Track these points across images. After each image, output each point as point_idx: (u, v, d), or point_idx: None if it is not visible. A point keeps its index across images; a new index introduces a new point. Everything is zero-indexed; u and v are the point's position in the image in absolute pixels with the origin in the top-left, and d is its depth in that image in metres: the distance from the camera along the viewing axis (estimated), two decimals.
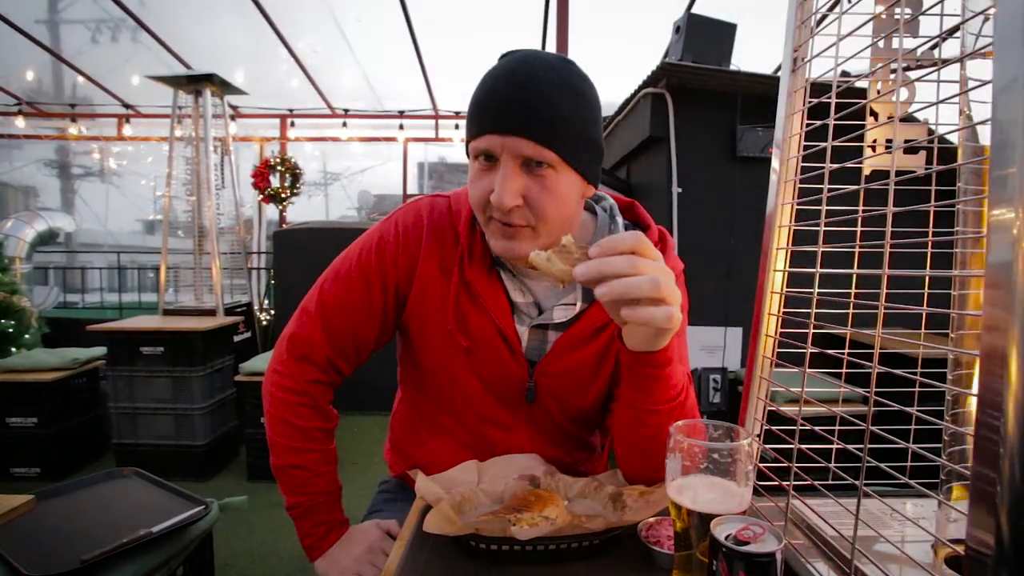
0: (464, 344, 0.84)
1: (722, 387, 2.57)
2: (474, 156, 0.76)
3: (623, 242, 0.59)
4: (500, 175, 0.72)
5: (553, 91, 0.72)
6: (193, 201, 3.64)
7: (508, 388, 0.87)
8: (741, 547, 0.46)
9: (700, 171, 2.70)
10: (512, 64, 0.74)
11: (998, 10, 0.43)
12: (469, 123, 0.76)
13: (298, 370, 0.90)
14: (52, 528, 1.28)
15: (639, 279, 0.58)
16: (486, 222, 0.78)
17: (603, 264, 0.59)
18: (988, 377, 0.42)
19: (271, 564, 2.13)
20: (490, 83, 0.74)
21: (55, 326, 4.27)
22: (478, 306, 0.84)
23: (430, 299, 0.85)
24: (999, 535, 0.40)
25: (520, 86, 0.71)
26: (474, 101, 0.75)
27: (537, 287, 0.87)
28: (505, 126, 0.71)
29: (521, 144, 0.71)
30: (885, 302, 0.56)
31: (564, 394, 0.88)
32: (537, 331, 0.86)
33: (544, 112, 0.71)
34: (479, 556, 0.66)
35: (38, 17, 5.29)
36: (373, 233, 0.90)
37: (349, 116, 6.22)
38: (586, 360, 0.86)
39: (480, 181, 0.75)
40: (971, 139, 0.67)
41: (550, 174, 0.73)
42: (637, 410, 0.73)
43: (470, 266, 0.83)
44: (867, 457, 0.57)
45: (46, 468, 2.83)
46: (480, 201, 0.76)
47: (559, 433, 0.91)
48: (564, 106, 0.72)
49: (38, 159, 7.42)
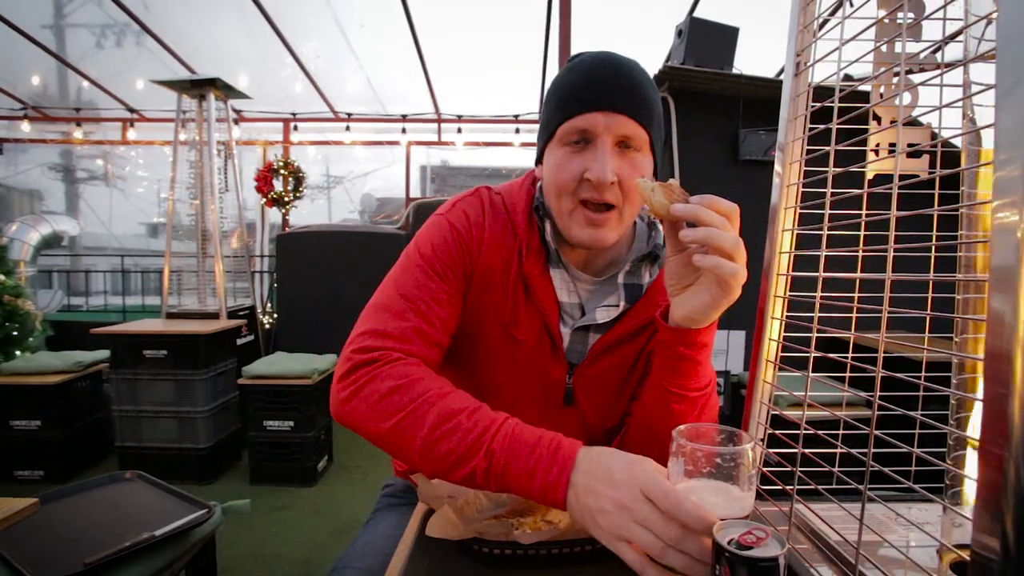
0: (519, 338, 0.84)
1: (725, 391, 2.57)
2: (563, 140, 0.77)
3: (723, 203, 0.63)
4: (599, 152, 0.74)
5: (642, 77, 0.77)
6: (197, 205, 3.65)
7: (546, 389, 0.87)
8: (744, 551, 0.46)
9: (702, 174, 2.71)
10: (597, 56, 0.78)
11: (1000, 13, 0.43)
12: (563, 105, 0.77)
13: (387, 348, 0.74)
14: (55, 531, 1.28)
15: (725, 234, 0.62)
16: (571, 209, 0.78)
17: (700, 211, 0.62)
18: (992, 381, 0.41)
19: (274, 569, 2.13)
20: (577, 72, 0.77)
21: (59, 329, 4.29)
22: (531, 302, 0.84)
23: (490, 291, 0.85)
24: (1004, 540, 0.40)
25: (616, 70, 0.76)
26: (564, 85, 0.78)
27: (584, 289, 0.87)
28: (607, 103, 0.74)
29: (622, 122, 0.74)
30: (889, 306, 0.56)
31: (598, 397, 0.88)
32: (578, 333, 0.86)
33: (639, 93, 0.75)
34: (482, 560, 0.66)
35: (44, 22, 5.33)
36: (442, 223, 0.85)
37: (352, 120, 6.24)
38: (623, 362, 0.87)
39: (570, 163, 0.77)
40: (975, 143, 0.67)
41: (639, 156, 0.77)
42: (665, 393, 0.74)
43: (528, 260, 0.84)
44: (871, 461, 0.57)
45: (49, 471, 2.83)
46: (571, 183, 0.77)
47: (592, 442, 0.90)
48: (652, 92, 0.78)
49: (43, 163, 7.47)
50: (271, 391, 2.82)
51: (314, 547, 2.28)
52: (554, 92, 0.80)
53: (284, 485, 2.82)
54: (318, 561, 2.17)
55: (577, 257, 0.87)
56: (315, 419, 2.87)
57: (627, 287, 0.87)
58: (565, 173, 0.77)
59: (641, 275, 0.88)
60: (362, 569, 0.84)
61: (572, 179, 0.76)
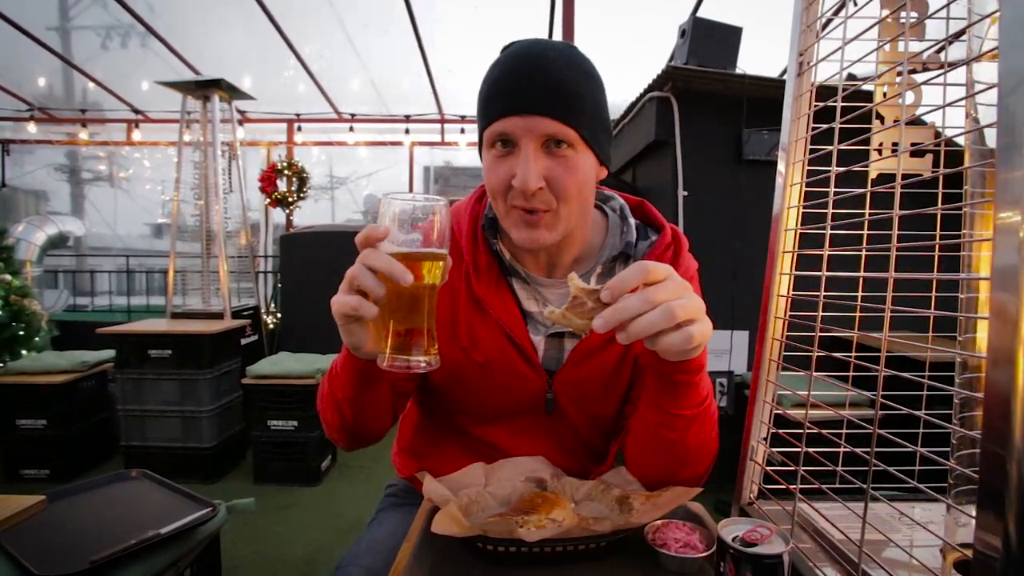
0: (479, 360, 0.83)
1: (728, 391, 2.57)
2: (490, 143, 0.74)
3: (631, 279, 0.58)
4: (522, 158, 0.71)
5: (567, 70, 0.71)
6: (201, 205, 3.67)
7: (527, 400, 0.85)
8: (749, 548, 0.46)
9: (706, 174, 2.70)
10: (519, 50, 0.74)
11: (1002, 14, 0.43)
12: (484, 109, 0.74)
13: None
14: (62, 529, 1.29)
15: (653, 315, 0.57)
16: (506, 212, 0.76)
17: (617, 312, 0.58)
18: (995, 381, 0.42)
19: (277, 568, 2.14)
20: (500, 69, 0.73)
21: (65, 329, 4.31)
22: (488, 321, 0.82)
23: (441, 319, 0.82)
24: (1007, 539, 0.40)
25: (535, 66, 0.71)
26: (487, 87, 0.74)
27: (551, 294, 0.85)
28: (525, 106, 0.70)
29: (542, 123, 0.70)
30: (892, 305, 0.56)
31: (584, 403, 0.86)
32: (554, 340, 0.84)
33: (562, 89, 0.70)
34: (486, 557, 0.66)
35: (49, 24, 5.35)
36: None
37: (355, 120, 6.25)
38: (604, 367, 0.84)
39: (498, 168, 0.74)
40: (978, 142, 0.67)
41: (570, 153, 0.72)
42: (664, 414, 0.72)
43: (477, 281, 0.82)
44: (874, 460, 0.57)
45: (55, 470, 2.85)
46: (501, 188, 0.74)
47: (577, 443, 0.90)
48: (579, 84, 0.72)
49: (49, 164, 7.50)
50: (275, 391, 2.83)
51: (318, 547, 2.29)
52: (480, 92, 0.76)
53: (288, 485, 2.83)
54: (321, 560, 2.17)
55: (539, 262, 0.84)
56: (319, 419, 2.87)
57: None
58: (494, 178, 0.74)
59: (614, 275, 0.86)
60: (367, 567, 0.84)
61: (501, 184, 0.74)
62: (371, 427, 0.82)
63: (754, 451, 0.84)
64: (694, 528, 0.68)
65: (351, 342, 0.66)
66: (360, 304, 0.59)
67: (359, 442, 0.85)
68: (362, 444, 0.86)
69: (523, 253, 0.84)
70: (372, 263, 0.59)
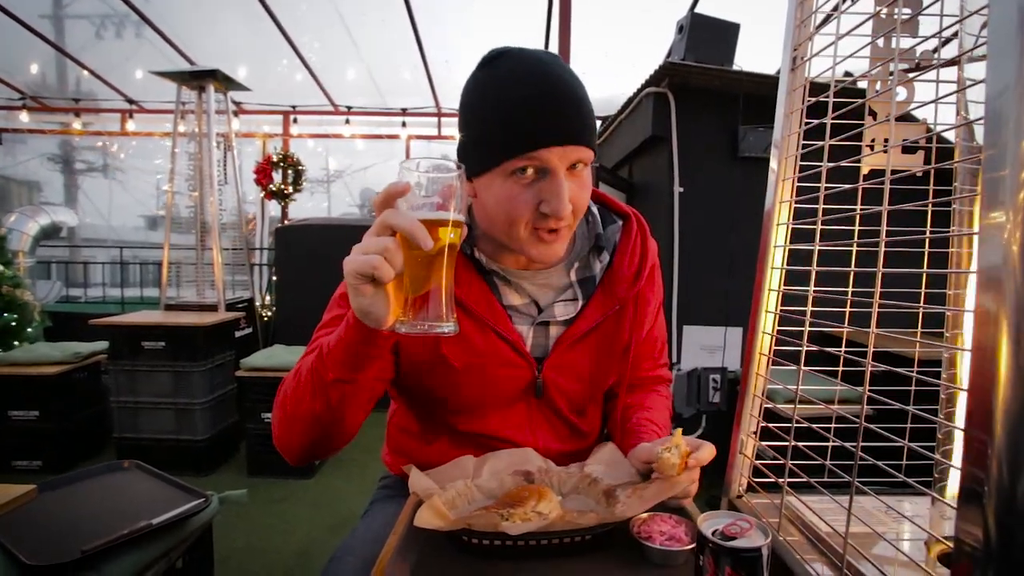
0: (457, 367, 0.84)
1: (722, 387, 2.57)
2: (518, 169, 0.73)
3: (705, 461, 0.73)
4: (556, 185, 0.72)
5: (579, 90, 0.74)
6: (196, 197, 3.65)
7: (516, 388, 0.88)
8: (727, 542, 0.47)
9: (702, 171, 2.70)
10: (535, 75, 0.72)
11: (991, 14, 0.43)
12: (514, 138, 0.72)
13: None
14: (53, 518, 1.29)
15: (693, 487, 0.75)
16: (528, 234, 0.76)
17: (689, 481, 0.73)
18: (978, 375, 0.42)
19: (270, 559, 2.14)
20: (519, 95, 0.72)
21: (57, 320, 4.29)
22: (476, 320, 0.84)
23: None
24: (987, 530, 0.41)
25: (563, 95, 0.72)
26: (511, 115, 0.72)
27: (532, 287, 0.87)
28: (565, 138, 0.71)
29: (576, 151, 0.72)
30: (881, 300, 0.57)
31: (571, 388, 0.89)
32: (540, 328, 0.87)
33: (584, 110, 0.74)
34: (471, 551, 0.66)
35: (42, 12, 5.30)
36: None
37: (352, 113, 6.22)
38: (591, 353, 0.88)
39: (526, 195, 0.73)
40: (967, 138, 0.68)
41: (585, 172, 0.76)
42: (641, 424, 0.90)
43: (456, 284, 0.83)
44: (860, 454, 0.58)
45: (48, 461, 2.84)
46: (528, 215, 0.74)
47: (564, 426, 0.93)
48: (589, 101, 0.75)
49: (42, 154, 7.45)
50: (269, 383, 2.83)
51: (311, 540, 2.29)
52: (493, 115, 0.73)
53: (281, 477, 2.83)
54: (314, 553, 2.18)
55: (518, 258, 0.86)
56: None
57: (580, 282, 0.88)
58: (520, 206, 0.74)
59: (592, 266, 0.90)
60: (361, 558, 0.84)
61: (529, 211, 0.74)
62: (349, 419, 0.78)
63: (743, 445, 0.85)
64: (680, 521, 0.68)
65: (361, 305, 0.61)
66: (381, 264, 0.57)
67: (324, 443, 0.80)
68: (322, 449, 0.81)
69: (502, 254, 0.86)
70: (394, 222, 0.57)
